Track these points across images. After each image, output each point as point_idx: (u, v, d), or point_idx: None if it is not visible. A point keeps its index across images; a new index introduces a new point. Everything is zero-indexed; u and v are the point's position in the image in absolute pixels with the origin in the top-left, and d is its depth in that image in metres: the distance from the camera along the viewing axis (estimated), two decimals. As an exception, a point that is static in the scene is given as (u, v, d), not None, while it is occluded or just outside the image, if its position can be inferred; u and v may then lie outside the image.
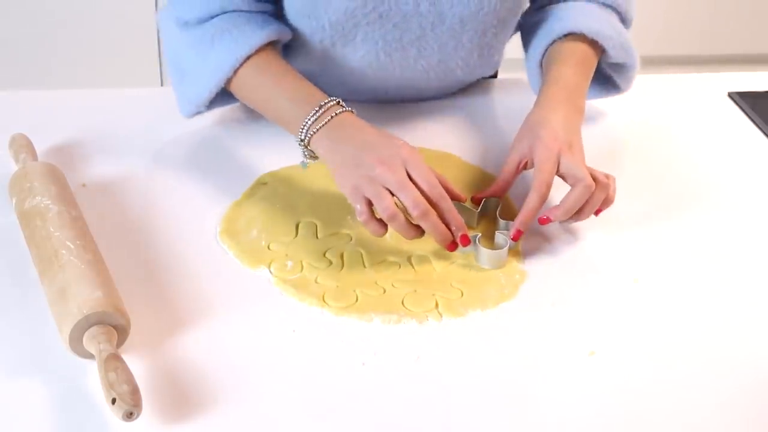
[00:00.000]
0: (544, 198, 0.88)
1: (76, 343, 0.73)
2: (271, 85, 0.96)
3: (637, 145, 1.11)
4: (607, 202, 0.90)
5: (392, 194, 0.84)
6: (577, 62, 1.02)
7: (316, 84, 1.15)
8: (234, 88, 0.99)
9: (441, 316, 0.81)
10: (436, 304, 0.82)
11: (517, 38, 1.14)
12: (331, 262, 0.87)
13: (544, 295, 0.84)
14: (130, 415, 0.66)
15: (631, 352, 0.78)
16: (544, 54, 1.06)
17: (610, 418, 0.72)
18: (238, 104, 1.13)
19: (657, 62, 2.23)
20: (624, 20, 1.09)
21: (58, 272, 0.77)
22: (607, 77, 1.11)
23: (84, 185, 0.97)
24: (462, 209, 0.91)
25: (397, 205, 0.85)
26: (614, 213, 0.97)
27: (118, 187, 0.97)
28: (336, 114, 0.91)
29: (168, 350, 0.76)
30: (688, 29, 2.39)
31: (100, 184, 0.98)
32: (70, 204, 0.87)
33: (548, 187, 0.89)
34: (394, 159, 0.85)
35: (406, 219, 0.84)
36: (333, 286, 0.84)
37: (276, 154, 1.03)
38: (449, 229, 0.86)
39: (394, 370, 0.75)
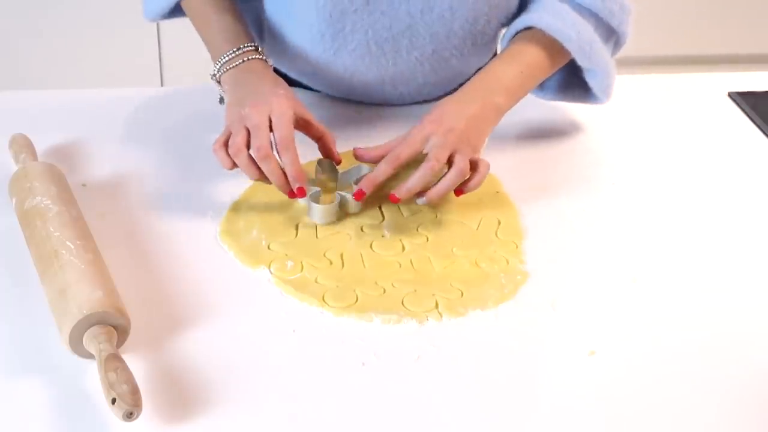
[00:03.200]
0: (389, 169, 0.90)
1: (76, 343, 0.73)
2: (212, 14, 1.03)
3: (637, 145, 1.11)
4: (468, 186, 0.91)
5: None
6: (521, 59, 1.00)
7: (312, 84, 1.16)
8: (185, 7, 1.06)
9: (441, 316, 0.81)
10: (436, 304, 0.82)
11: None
12: (331, 262, 0.87)
13: (544, 295, 0.84)
14: (130, 415, 0.66)
15: (631, 352, 0.78)
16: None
17: (610, 418, 0.72)
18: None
19: (657, 62, 2.24)
20: (613, 32, 1.04)
21: (58, 272, 0.77)
22: (585, 83, 1.07)
23: (84, 185, 0.97)
24: (330, 168, 0.93)
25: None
26: (614, 212, 0.97)
27: (118, 187, 0.98)
28: (249, 59, 0.98)
29: (168, 350, 0.76)
30: (688, 29, 2.38)
31: (100, 184, 0.98)
32: (70, 204, 0.87)
33: (398, 159, 0.90)
34: (264, 105, 0.91)
35: (252, 161, 0.89)
36: (333, 286, 0.84)
37: (276, 154, 1.03)
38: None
39: (394, 370, 0.75)
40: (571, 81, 1.08)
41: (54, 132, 1.06)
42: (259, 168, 0.89)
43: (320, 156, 0.96)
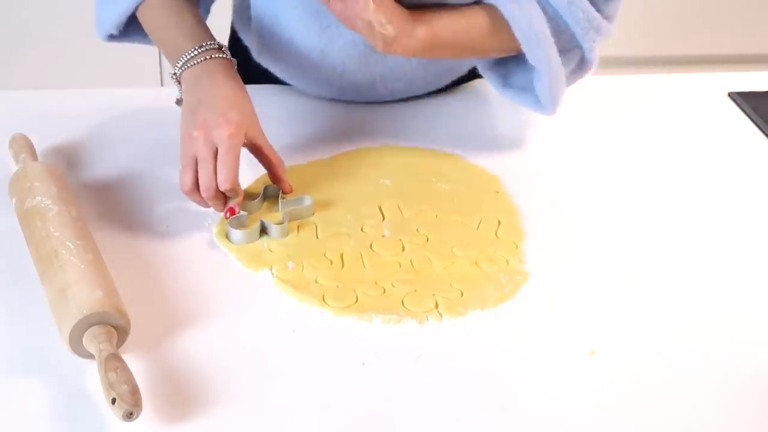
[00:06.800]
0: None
1: (76, 343, 0.73)
2: (174, 18, 0.98)
3: (637, 145, 1.11)
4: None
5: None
6: (462, 14, 0.96)
7: (303, 85, 1.15)
8: (142, 17, 1.01)
9: (441, 316, 0.81)
10: (436, 304, 0.82)
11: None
12: (331, 262, 0.87)
13: (544, 295, 0.84)
14: (130, 415, 0.66)
15: (631, 352, 0.78)
16: None
17: (610, 418, 0.72)
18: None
19: (657, 62, 2.24)
20: (575, 44, 0.98)
21: (58, 272, 0.77)
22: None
23: (84, 185, 0.97)
24: (274, 196, 0.95)
25: None
26: (614, 212, 0.97)
27: (118, 187, 0.98)
28: (211, 57, 0.93)
29: (168, 350, 0.76)
30: (688, 29, 2.38)
31: (100, 184, 0.98)
32: (70, 204, 0.87)
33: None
34: (211, 131, 0.88)
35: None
36: (333, 286, 0.84)
37: (276, 154, 1.03)
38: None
39: (394, 370, 0.75)
40: (523, 80, 1.03)
41: (54, 132, 1.06)
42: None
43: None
